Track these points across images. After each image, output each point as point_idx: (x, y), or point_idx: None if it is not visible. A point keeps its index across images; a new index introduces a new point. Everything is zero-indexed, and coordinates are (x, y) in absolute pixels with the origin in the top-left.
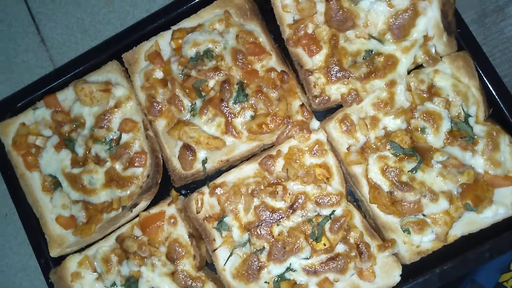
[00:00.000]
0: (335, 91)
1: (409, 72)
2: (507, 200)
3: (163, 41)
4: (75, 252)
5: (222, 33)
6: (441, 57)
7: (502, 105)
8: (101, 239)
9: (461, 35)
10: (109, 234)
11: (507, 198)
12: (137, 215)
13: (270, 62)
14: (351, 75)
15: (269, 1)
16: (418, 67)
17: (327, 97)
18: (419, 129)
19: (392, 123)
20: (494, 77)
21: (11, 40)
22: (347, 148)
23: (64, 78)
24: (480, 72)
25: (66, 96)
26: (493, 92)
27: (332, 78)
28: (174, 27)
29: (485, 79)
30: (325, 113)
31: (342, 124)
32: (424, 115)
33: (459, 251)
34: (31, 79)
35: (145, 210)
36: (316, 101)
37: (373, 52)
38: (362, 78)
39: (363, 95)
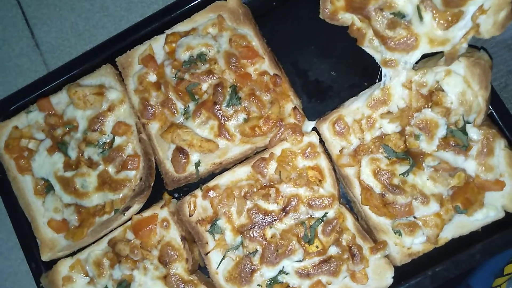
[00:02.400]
0: (348, 17)
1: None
2: (498, 203)
3: (157, 45)
4: (67, 256)
5: (216, 37)
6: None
7: (491, 108)
8: (93, 243)
9: None
10: (102, 237)
11: (498, 201)
12: (130, 218)
13: (263, 65)
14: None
15: (262, 6)
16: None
17: (336, 17)
18: (414, 136)
19: (388, 126)
20: None
21: (5, 44)
22: (339, 151)
23: (57, 81)
24: None
25: (59, 100)
26: None
27: (350, 10)
28: (168, 31)
29: None
30: (317, 115)
31: (336, 125)
32: (420, 122)
33: (451, 254)
34: (25, 82)
35: (137, 213)
36: (325, 11)
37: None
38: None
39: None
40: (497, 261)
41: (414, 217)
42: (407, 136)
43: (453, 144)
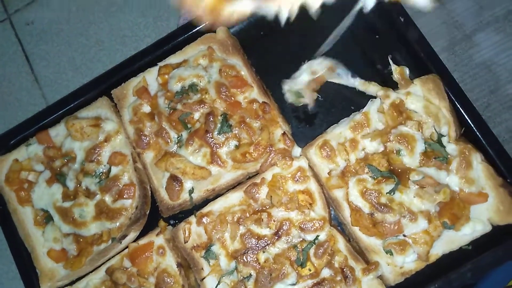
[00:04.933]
0: None
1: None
2: (483, 217)
3: (150, 77)
4: (66, 286)
5: (206, 68)
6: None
7: (472, 126)
8: (91, 272)
9: (432, 62)
10: (99, 266)
11: (483, 214)
12: (127, 247)
13: (252, 93)
14: None
15: (250, 37)
16: None
17: None
18: (395, 151)
19: (370, 145)
20: (463, 99)
21: (5, 80)
22: (328, 173)
23: (56, 114)
24: (451, 96)
25: (58, 132)
26: (464, 114)
27: None
28: (161, 63)
29: (456, 102)
30: (306, 140)
31: (322, 150)
32: (399, 137)
33: (444, 270)
34: (25, 116)
35: (134, 241)
36: None
37: None
38: None
39: None
40: (502, 273)
41: (404, 235)
42: (389, 152)
43: (434, 158)
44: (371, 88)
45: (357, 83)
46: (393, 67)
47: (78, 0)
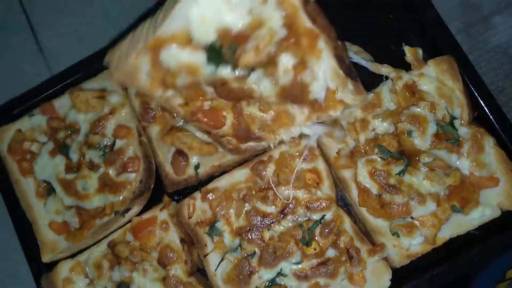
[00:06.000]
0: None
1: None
2: (493, 201)
3: None
4: (67, 257)
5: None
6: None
7: (486, 109)
8: (93, 245)
9: (447, 44)
10: (101, 239)
11: (493, 199)
12: (130, 220)
13: None
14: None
15: None
16: None
17: (242, 150)
18: (406, 132)
19: (381, 125)
20: (478, 82)
21: (9, 50)
22: (336, 153)
23: (60, 85)
24: (466, 78)
25: (62, 104)
26: (478, 97)
27: (243, 142)
28: None
29: (470, 85)
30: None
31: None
32: (410, 118)
33: (450, 254)
34: (29, 87)
35: (137, 215)
36: (233, 153)
37: None
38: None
39: None
40: (499, 266)
41: (412, 218)
42: (400, 133)
43: (446, 140)
44: (383, 69)
45: (369, 65)
46: (406, 48)
47: None
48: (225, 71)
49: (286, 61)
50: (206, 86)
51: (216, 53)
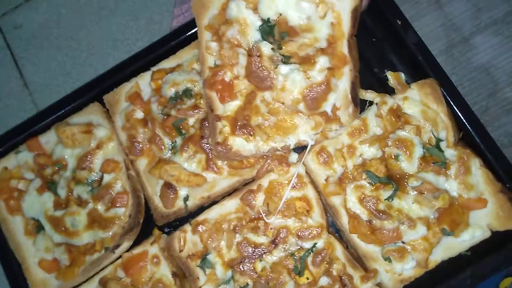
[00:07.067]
0: (238, 143)
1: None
2: (483, 222)
3: (143, 82)
4: None
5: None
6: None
7: (471, 130)
8: (84, 282)
9: (430, 66)
10: (92, 276)
11: (483, 220)
12: (120, 256)
13: None
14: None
15: None
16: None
17: (229, 147)
18: (393, 157)
19: (368, 151)
20: (462, 104)
21: None
22: (325, 180)
23: (46, 121)
24: (449, 100)
25: (48, 139)
26: (462, 118)
27: (237, 131)
28: (154, 68)
29: (454, 106)
30: (302, 147)
31: (319, 156)
32: (397, 142)
33: (443, 277)
34: (14, 123)
35: (128, 250)
36: (218, 148)
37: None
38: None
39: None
40: (492, 278)
41: (403, 242)
42: (387, 158)
43: (433, 163)
44: (368, 95)
45: None
46: (389, 73)
47: (68, 3)
48: (266, 48)
49: (324, 62)
50: (242, 55)
51: (268, 27)
